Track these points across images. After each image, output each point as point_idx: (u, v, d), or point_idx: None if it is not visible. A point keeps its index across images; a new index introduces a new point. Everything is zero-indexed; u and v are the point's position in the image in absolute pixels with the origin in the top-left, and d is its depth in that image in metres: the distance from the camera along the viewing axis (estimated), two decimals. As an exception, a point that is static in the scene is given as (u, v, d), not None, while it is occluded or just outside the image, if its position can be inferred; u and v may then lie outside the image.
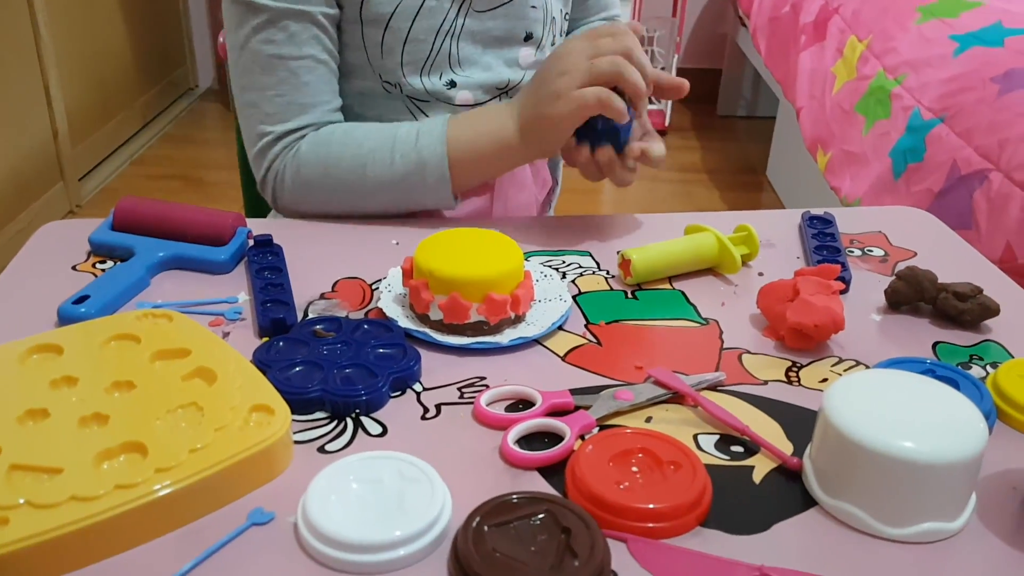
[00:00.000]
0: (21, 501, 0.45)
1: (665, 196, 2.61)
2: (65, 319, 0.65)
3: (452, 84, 0.86)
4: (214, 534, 0.48)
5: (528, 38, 0.89)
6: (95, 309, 0.65)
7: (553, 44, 0.93)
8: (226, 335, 0.65)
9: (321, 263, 0.76)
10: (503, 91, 0.89)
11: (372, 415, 0.58)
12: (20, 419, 0.51)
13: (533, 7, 0.87)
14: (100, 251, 0.76)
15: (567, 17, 0.95)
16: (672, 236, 0.77)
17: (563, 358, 0.64)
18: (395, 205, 0.83)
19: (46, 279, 0.72)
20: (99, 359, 0.57)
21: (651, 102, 3.01)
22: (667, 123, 2.99)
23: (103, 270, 0.73)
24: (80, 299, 0.66)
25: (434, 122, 0.81)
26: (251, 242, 0.77)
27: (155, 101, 2.88)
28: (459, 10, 0.84)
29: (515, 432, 0.55)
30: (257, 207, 1.10)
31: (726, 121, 3.18)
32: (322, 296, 0.72)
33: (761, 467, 0.54)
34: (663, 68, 3.00)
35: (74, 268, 0.74)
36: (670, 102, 2.98)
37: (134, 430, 0.50)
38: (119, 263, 0.73)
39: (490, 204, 0.90)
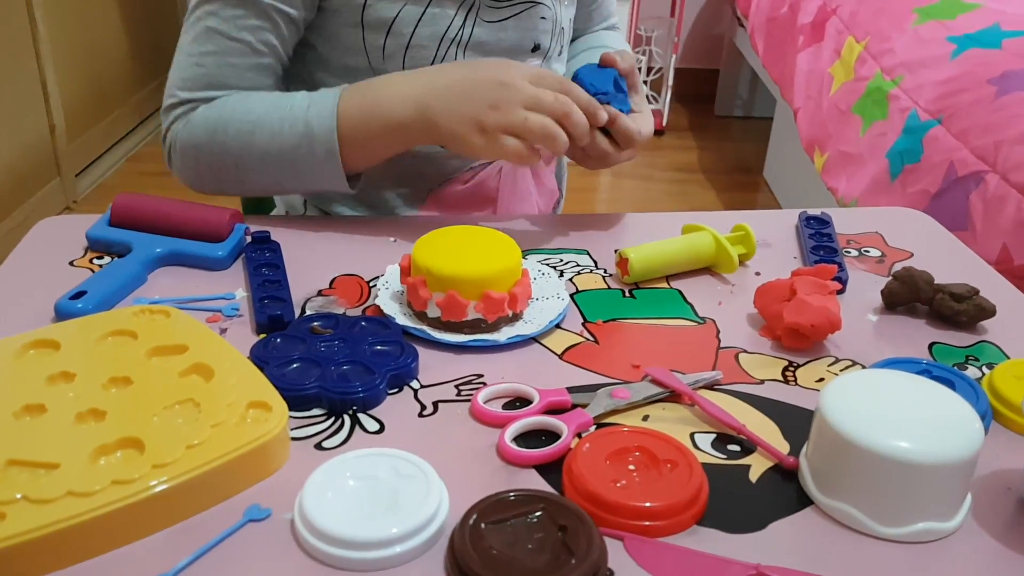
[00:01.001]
0: (18, 496, 0.45)
1: (661, 196, 2.61)
2: (62, 314, 0.64)
3: None
4: (210, 530, 0.48)
5: (536, 49, 0.87)
6: (92, 305, 0.65)
7: (560, 54, 0.91)
8: (223, 331, 0.65)
9: (318, 260, 0.76)
10: None
11: (369, 412, 0.58)
12: (16, 414, 0.51)
13: (543, 18, 0.86)
14: (97, 247, 0.76)
15: (571, 28, 0.95)
16: (669, 235, 0.77)
17: (560, 356, 0.65)
18: (287, 180, 0.79)
19: (43, 274, 0.72)
20: (96, 355, 0.57)
21: (649, 100, 3.01)
22: (664, 123, 2.99)
23: (100, 266, 0.73)
24: (77, 295, 0.66)
25: (328, 93, 0.77)
26: (249, 239, 0.77)
27: (151, 98, 2.87)
28: (466, 19, 0.82)
29: (512, 430, 0.55)
30: (255, 204, 1.09)
31: (723, 121, 3.18)
32: (319, 293, 0.72)
33: (757, 466, 0.54)
34: (660, 68, 3.00)
35: (71, 264, 0.74)
36: (668, 101, 2.98)
37: (131, 426, 0.50)
38: (116, 259, 0.73)
39: (493, 215, 0.90)
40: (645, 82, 2.98)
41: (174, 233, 0.76)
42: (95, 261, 0.74)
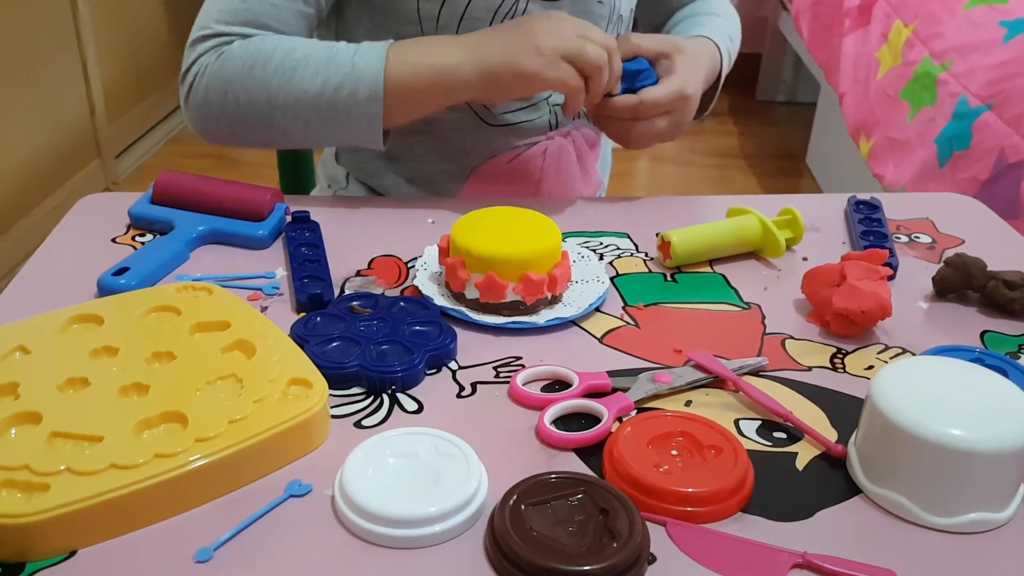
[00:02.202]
0: (62, 468, 0.45)
1: (701, 181, 2.57)
2: (105, 290, 0.65)
3: None
4: (251, 505, 0.48)
5: None
6: (135, 281, 0.66)
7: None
8: (264, 309, 0.65)
9: (357, 240, 0.76)
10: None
11: (408, 392, 0.58)
12: (61, 387, 0.51)
13: (600, 2, 0.84)
14: (140, 224, 0.76)
15: (632, 14, 0.91)
16: (713, 219, 0.76)
17: (600, 340, 0.64)
18: (317, 126, 0.75)
19: (86, 251, 0.72)
20: (139, 330, 0.57)
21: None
22: (704, 108, 2.95)
23: (142, 243, 0.74)
24: (120, 271, 0.66)
25: (376, 43, 0.75)
26: (289, 218, 0.77)
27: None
28: None
29: (552, 412, 0.55)
30: (293, 185, 1.10)
31: (765, 106, 3.13)
32: (358, 273, 0.71)
33: (804, 454, 0.53)
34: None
35: (114, 240, 0.74)
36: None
37: (174, 400, 0.51)
38: (159, 236, 0.74)
39: (535, 197, 0.88)
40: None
41: (215, 212, 0.76)
42: (137, 238, 0.75)
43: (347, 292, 0.69)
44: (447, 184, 0.89)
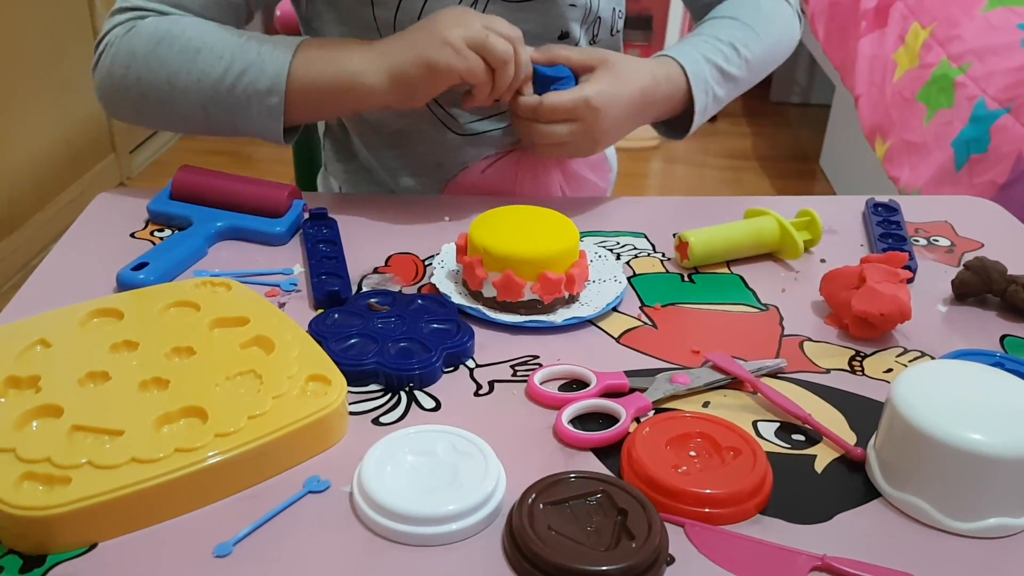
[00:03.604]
0: (83, 461, 0.46)
1: (714, 182, 2.57)
2: (124, 285, 0.65)
3: None
4: (270, 500, 0.48)
5: (563, 37, 0.81)
6: (154, 276, 0.66)
7: (593, 43, 0.85)
8: (282, 305, 0.66)
9: (374, 238, 0.76)
10: None
11: (426, 389, 0.58)
12: (81, 381, 0.52)
13: (572, 5, 0.80)
14: (158, 219, 0.77)
15: (620, 15, 0.86)
16: (730, 220, 0.75)
17: (617, 340, 0.64)
18: (216, 114, 0.74)
19: (105, 245, 0.73)
20: (159, 325, 0.58)
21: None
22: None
23: (161, 238, 0.74)
24: (139, 266, 0.67)
25: (290, 38, 0.74)
26: (306, 215, 0.78)
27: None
28: None
29: (569, 412, 0.55)
30: (308, 183, 1.10)
31: (779, 107, 3.12)
32: (375, 270, 0.72)
33: (823, 456, 0.53)
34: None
35: (132, 235, 0.75)
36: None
37: (194, 395, 0.51)
38: (177, 232, 0.74)
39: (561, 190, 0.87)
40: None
41: (233, 208, 0.76)
42: (156, 233, 0.75)
43: (364, 289, 0.69)
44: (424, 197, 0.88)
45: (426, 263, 0.73)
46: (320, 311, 0.65)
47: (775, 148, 2.81)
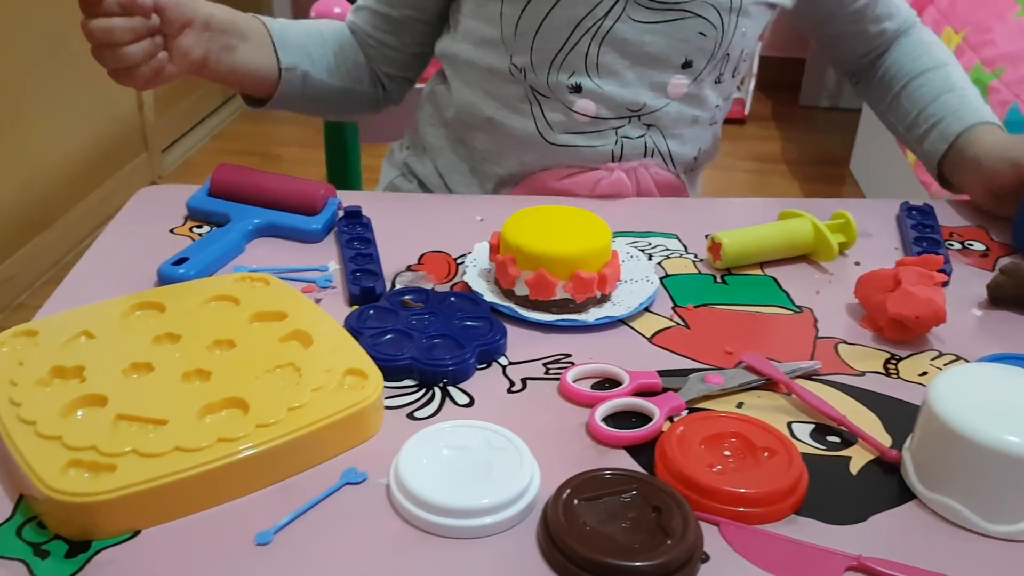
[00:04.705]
0: (128, 449, 0.47)
1: (742, 186, 2.55)
2: (165, 279, 0.67)
3: (577, 88, 0.80)
4: (308, 491, 0.49)
5: (687, 65, 0.80)
6: (194, 271, 0.67)
7: (719, 81, 0.83)
8: (318, 301, 0.67)
9: (407, 236, 0.77)
10: (635, 114, 0.82)
11: (459, 385, 0.58)
12: (125, 372, 0.53)
13: (702, 34, 0.79)
14: (197, 216, 0.78)
15: (748, 58, 0.85)
16: (763, 221, 0.75)
17: (650, 339, 0.64)
18: None
19: (145, 240, 0.74)
20: (200, 318, 0.59)
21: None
22: (746, 111, 2.93)
23: (199, 234, 0.75)
24: (179, 260, 0.68)
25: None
26: (341, 213, 0.79)
27: (237, 78, 2.94)
28: (611, 10, 0.77)
29: (602, 410, 0.55)
30: (339, 181, 1.11)
31: (808, 111, 3.10)
32: (408, 268, 0.72)
33: (858, 458, 0.53)
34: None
35: (171, 231, 0.76)
36: (751, 89, 2.92)
37: (235, 387, 0.52)
38: (215, 228, 0.75)
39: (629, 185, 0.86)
40: (727, 70, 2.91)
41: (270, 205, 0.77)
42: (194, 229, 0.76)
43: (398, 286, 0.69)
44: (498, 186, 0.89)
45: (458, 261, 0.73)
46: (355, 307, 0.66)
47: (803, 152, 2.80)
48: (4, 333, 0.56)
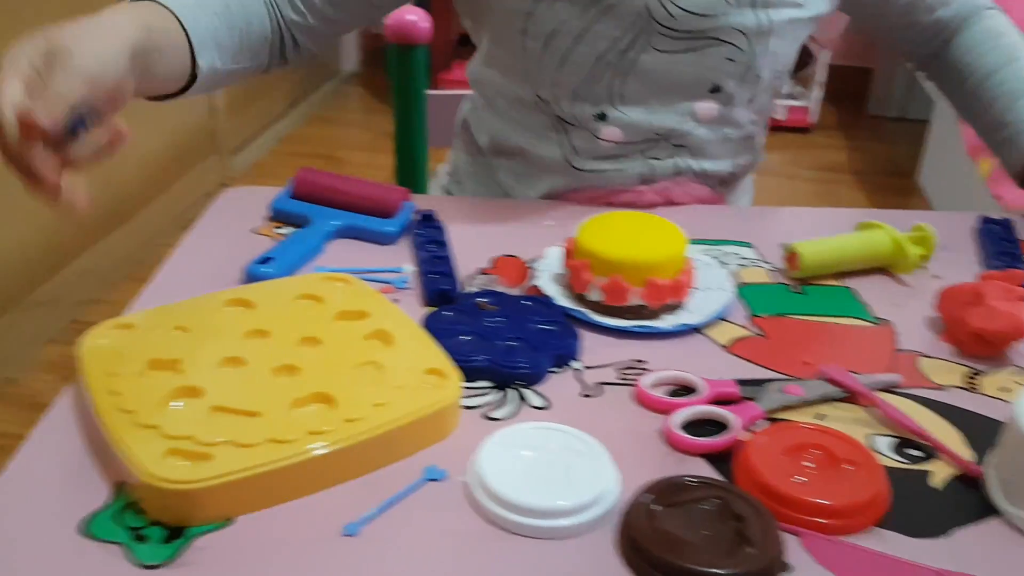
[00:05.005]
0: (223, 439, 0.48)
1: (806, 195, 2.52)
2: (251, 277, 0.69)
3: (602, 116, 0.79)
4: (390, 485, 0.50)
5: (716, 90, 0.79)
6: (278, 270, 0.69)
7: (751, 102, 0.82)
8: (395, 302, 0.68)
9: (479, 240, 0.78)
10: (662, 138, 0.81)
11: (534, 388, 0.59)
12: (219, 365, 0.55)
13: (729, 59, 0.77)
14: (279, 217, 0.80)
15: (781, 74, 0.83)
16: (836, 231, 0.75)
17: (726, 348, 0.64)
18: None
19: (230, 239, 0.77)
20: (287, 315, 0.61)
21: (793, 97, 2.91)
22: (813, 120, 2.89)
23: (281, 234, 0.78)
24: (265, 260, 0.70)
25: None
26: (416, 216, 0.80)
27: (303, 82, 3.01)
28: (633, 43, 0.76)
29: (680, 416, 0.55)
30: (406, 184, 1.13)
31: (875, 121, 3.04)
32: (481, 271, 0.74)
33: (940, 472, 0.52)
34: (813, 62, 2.89)
35: (255, 231, 0.78)
36: (818, 98, 2.87)
37: (322, 382, 0.53)
38: (297, 229, 0.77)
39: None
40: (793, 77, 2.88)
41: (348, 208, 0.79)
42: (276, 230, 0.79)
43: (471, 289, 0.71)
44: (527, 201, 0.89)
45: (530, 265, 0.74)
46: (431, 308, 0.67)
47: (870, 162, 2.74)
48: (103, 325, 0.58)
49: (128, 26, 0.60)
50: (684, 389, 0.59)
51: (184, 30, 0.68)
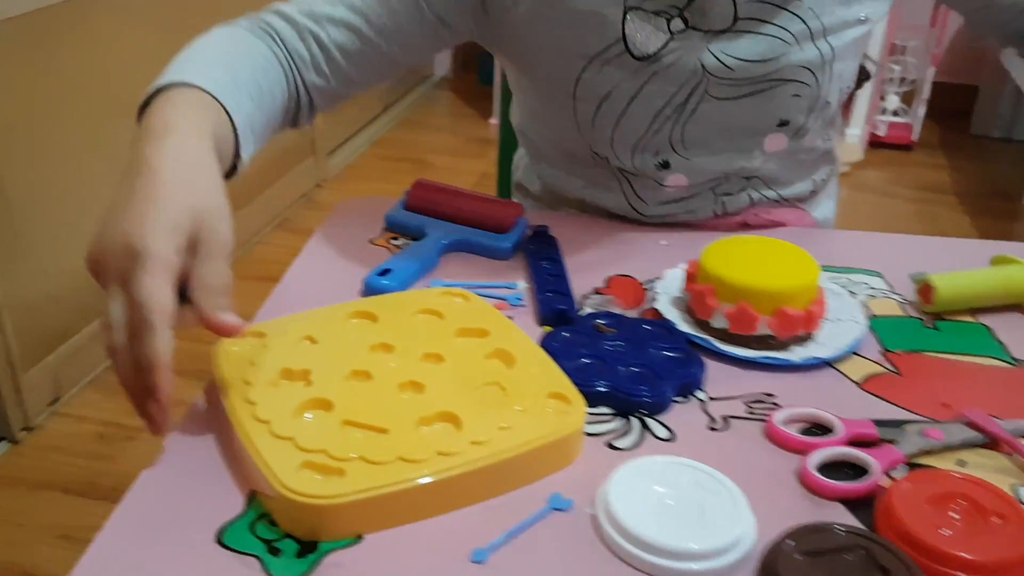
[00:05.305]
0: (355, 456, 0.49)
1: (904, 216, 2.43)
2: (371, 288, 0.69)
3: (665, 165, 0.77)
4: (514, 512, 0.50)
5: (783, 124, 0.76)
6: (396, 282, 0.70)
7: (831, 126, 0.79)
8: (509, 319, 0.68)
9: (592, 258, 0.77)
10: (731, 175, 0.78)
11: (657, 417, 0.58)
12: (347, 378, 0.55)
13: (797, 96, 0.73)
14: (394, 228, 0.81)
15: (846, 92, 0.79)
16: (970, 263, 0.71)
17: (860, 385, 0.61)
18: None
19: (347, 249, 0.77)
20: (409, 330, 0.61)
21: (896, 115, 2.82)
22: (915, 137, 2.79)
23: (396, 245, 0.78)
24: (383, 271, 0.71)
25: (201, 75, 0.60)
26: (529, 232, 0.80)
27: (395, 87, 3.05)
28: (690, 96, 0.73)
29: (816, 457, 0.53)
30: (505, 194, 1.13)
31: (980, 141, 2.92)
32: (596, 291, 0.72)
33: (1103, 534, 0.49)
34: (915, 80, 2.79)
35: (371, 241, 0.79)
36: (921, 115, 2.77)
37: (447, 401, 0.53)
38: (412, 241, 0.78)
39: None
40: (897, 93, 2.79)
41: (462, 221, 0.79)
42: (392, 241, 0.79)
43: (587, 310, 0.70)
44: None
45: (646, 287, 0.73)
46: (547, 328, 0.66)
47: (974, 183, 2.63)
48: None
49: (213, 157, 0.56)
50: (818, 427, 0.57)
51: (233, 128, 0.62)
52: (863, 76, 2.50)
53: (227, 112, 0.60)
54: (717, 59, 0.72)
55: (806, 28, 0.71)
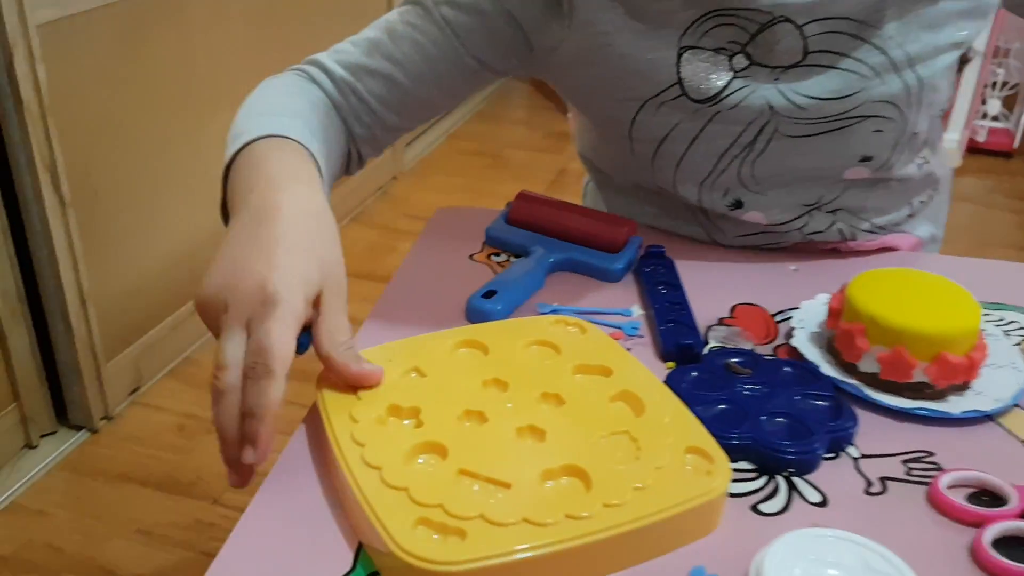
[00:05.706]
0: (476, 514, 0.43)
1: (1004, 227, 2.29)
2: (475, 312, 0.64)
3: (738, 204, 0.71)
4: (650, 585, 0.44)
5: (866, 160, 0.68)
6: (502, 305, 0.64)
7: (921, 157, 0.72)
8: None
9: (713, 283, 0.71)
10: (814, 207, 0.71)
11: (805, 477, 0.51)
12: (459, 418, 0.50)
13: (879, 131, 0.66)
14: (495, 243, 0.76)
15: (938, 116, 0.72)
16: None
17: (1032, 445, 0.54)
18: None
19: (446, 266, 0.73)
20: (523, 364, 0.55)
21: (996, 120, 2.66)
22: (1016, 144, 2.63)
23: (498, 262, 0.73)
24: (487, 293, 0.66)
25: (285, 133, 0.59)
26: (642, 252, 0.74)
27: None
28: (758, 135, 0.66)
29: (991, 532, 0.46)
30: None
31: (1088, 148, 2.74)
32: (721, 322, 0.66)
33: None
34: (1017, 84, 2.63)
35: (471, 257, 0.74)
36: (1022, 120, 2.61)
37: (571, 452, 0.48)
38: (517, 259, 0.72)
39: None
40: (998, 98, 2.63)
41: (569, 239, 0.74)
42: (492, 257, 0.74)
43: (712, 342, 0.63)
44: None
45: (776, 319, 0.66)
46: (670, 365, 0.60)
47: (1082, 194, 2.47)
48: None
49: (329, 209, 0.55)
50: (986, 494, 0.50)
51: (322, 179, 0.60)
52: (963, 59, 2.37)
53: (317, 163, 0.59)
54: (786, 98, 0.65)
55: (887, 60, 0.63)
